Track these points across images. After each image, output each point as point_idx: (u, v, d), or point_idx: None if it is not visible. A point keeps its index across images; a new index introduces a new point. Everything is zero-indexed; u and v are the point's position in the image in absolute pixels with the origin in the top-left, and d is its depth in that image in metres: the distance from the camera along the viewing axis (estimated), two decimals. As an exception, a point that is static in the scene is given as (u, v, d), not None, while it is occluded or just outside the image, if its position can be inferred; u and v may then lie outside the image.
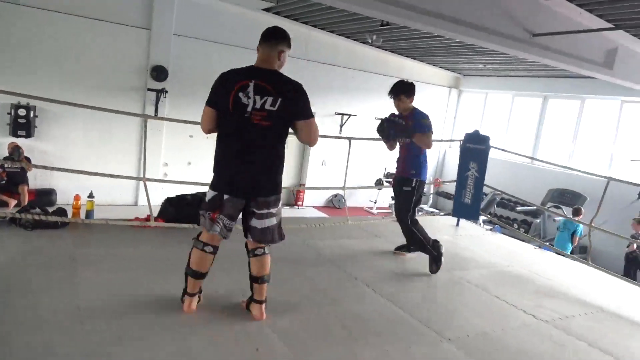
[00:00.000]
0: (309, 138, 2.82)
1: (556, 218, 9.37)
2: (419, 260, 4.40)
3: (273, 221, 2.79)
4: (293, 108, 2.67)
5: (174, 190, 5.01)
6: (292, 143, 11.28)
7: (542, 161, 8.74)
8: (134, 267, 3.57)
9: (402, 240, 4.55)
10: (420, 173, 4.19)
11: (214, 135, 2.87)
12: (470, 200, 5.65)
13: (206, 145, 9.63)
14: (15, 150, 7.40)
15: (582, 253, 9.18)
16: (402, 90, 4.14)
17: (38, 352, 2.32)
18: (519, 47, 6.31)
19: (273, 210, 2.78)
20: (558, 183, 9.78)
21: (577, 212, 8.19)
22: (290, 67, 11.33)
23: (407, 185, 4.20)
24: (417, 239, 4.19)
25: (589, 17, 6.10)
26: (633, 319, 3.84)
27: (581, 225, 7.94)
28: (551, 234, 10.22)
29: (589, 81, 9.16)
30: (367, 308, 3.35)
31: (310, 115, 2.74)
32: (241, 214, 2.80)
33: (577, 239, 8.18)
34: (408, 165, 4.24)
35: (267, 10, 9.14)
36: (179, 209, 4.71)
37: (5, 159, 7.22)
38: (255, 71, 2.70)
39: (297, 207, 11.23)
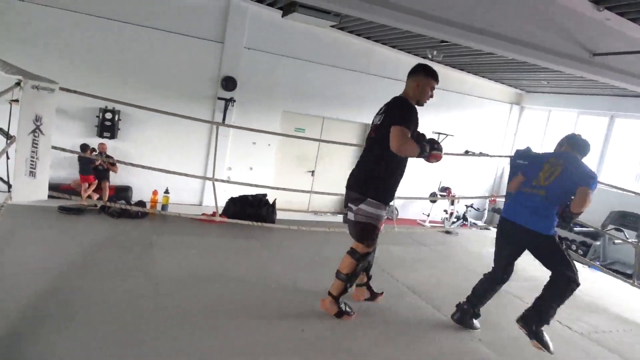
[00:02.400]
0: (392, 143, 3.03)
1: (616, 241, 9.06)
2: (459, 270, 4.60)
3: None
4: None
5: (236, 193, 5.55)
6: (348, 152, 11.69)
7: (602, 183, 8.53)
8: (201, 253, 4.10)
9: (444, 248, 4.77)
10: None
11: (274, 145, 3.35)
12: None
13: (267, 153, 10.31)
14: (105, 151, 8.38)
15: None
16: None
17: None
18: (578, 67, 6.31)
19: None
20: (621, 205, 9.45)
21: None
22: (353, 79, 11.92)
23: None
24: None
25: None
26: None
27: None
28: (611, 257, 9.87)
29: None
30: (404, 305, 3.65)
31: (397, 122, 3.01)
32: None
33: None
34: None
35: (332, 25, 9.65)
36: (241, 208, 5.23)
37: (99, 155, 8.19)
38: None
39: (350, 215, 11.56)
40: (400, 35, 9.33)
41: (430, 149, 3.09)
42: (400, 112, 3.07)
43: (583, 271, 5.71)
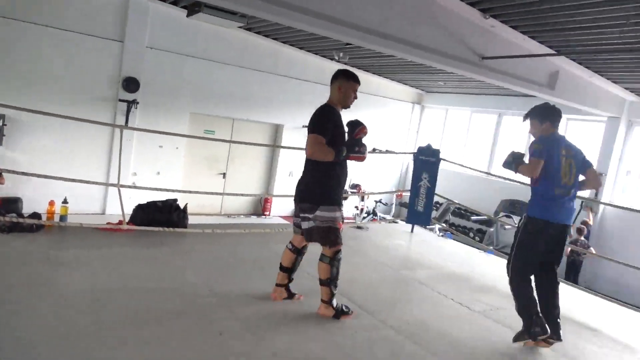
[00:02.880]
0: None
1: (506, 227, 10.01)
2: (369, 263, 4.82)
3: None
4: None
5: (143, 199, 5.31)
6: (260, 154, 11.65)
7: (487, 173, 9.37)
8: (109, 264, 3.88)
9: (356, 244, 4.96)
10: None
11: (182, 148, 3.32)
12: (422, 207, 6.15)
13: (175, 156, 9.96)
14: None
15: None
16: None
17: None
18: (469, 69, 6.88)
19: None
20: (510, 194, 10.44)
21: None
22: (261, 80, 11.87)
23: None
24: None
25: (533, 43, 6.74)
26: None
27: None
28: (504, 242, 10.88)
29: (538, 100, 9.90)
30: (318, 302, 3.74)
31: (311, 130, 3.25)
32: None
33: None
34: None
35: (240, 26, 9.56)
36: (150, 214, 5.01)
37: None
38: None
39: (264, 216, 11.56)
40: (306, 37, 9.50)
41: (349, 152, 3.30)
42: (314, 120, 3.27)
43: (479, 256, 6.27)
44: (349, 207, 12.26)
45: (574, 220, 3.57)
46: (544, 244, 3.36)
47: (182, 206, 5.35)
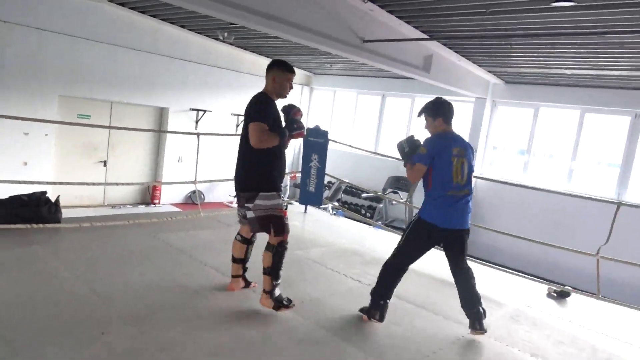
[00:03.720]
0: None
1: (393, 202, 10.66)
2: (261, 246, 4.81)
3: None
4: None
5: (5, 193, 4.70)
6: (146, 139, 10.96)
7: (374, 153, 9.84)
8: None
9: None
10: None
11: (52, 135, 2.98)
12: (314, 188, 6.26)
13: (44, 144, 8.94)
14: None
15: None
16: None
17: None
18: (352, 52, 7.08)
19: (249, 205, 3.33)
20: (395, 171, 11.10)
21: None
22: (141, 60, 11.11)
23: None
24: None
25: (408, 28, 7.13)
26: (433, 275, 4.74)
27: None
28: (392, 216, 11.58)
29: (417, 82, 10.57)
30: (212, 289, 3.65)
31: (251, 119, 3.20)
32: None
33: None
34: None
35: (111, 0, 8.78)
36: (13, 211, 4.45)
37: None
38: None
39: (153, 205, 10.96)
40: (187, 15, 9.02)
41: (291, 131, 3.29)
42: (253, 109, 3.25)
43: (369, 231, 6.59)
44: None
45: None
46: (427, 246, 3.37)
47: (53, 199, 4.84)
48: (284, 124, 3.37)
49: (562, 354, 3.39)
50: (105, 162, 10.29)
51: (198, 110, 11.39)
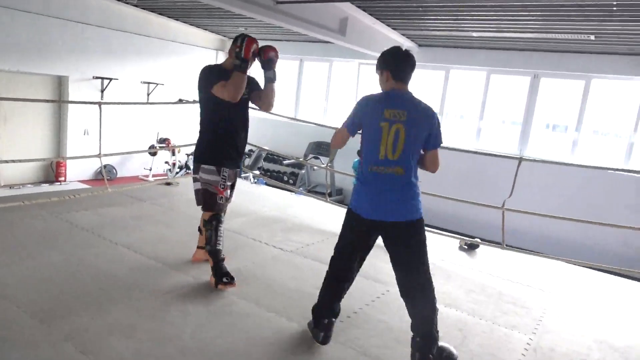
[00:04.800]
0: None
1: (315, 168, 10.71)
2: (181, 219, 4.61)
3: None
4: None
5: None
6: (44, 110, 9.99)
7: (293, 119, 9.76)
8: None
9: (167, 200, 4.67)
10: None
11: None
12: (232, 157, 6.07)
13: None
14: None
15: (339, 194, 10.84)
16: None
17: None
18: (264, 13, 6.83)
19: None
20: (316, 136, 11.10)
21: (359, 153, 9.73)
22: (30, 23, 10.08)
23: None
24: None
25: (323, -12, 6.98)
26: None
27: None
28: (314, 181, 11.66)
29: (334, 46, 10.49)
30: (126, 268, 3.44)
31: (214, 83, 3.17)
32: None
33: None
34: None
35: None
36: None
37: None
38: None
39: (58, 183, 10.12)
40: (83, -28, 8.17)
41: (242, 53, 3.06)
42: (200, 78, 3.24)
43: (291, 198, 6.56)
44: (160, 163, 11.55)
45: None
46: (354, 240, 2.61)
47: None
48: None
49: (473, 302, 3.63)
50: (-3, 138, 9.27)
51: (103, 78, 10.52)
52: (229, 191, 3.42)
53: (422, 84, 11.17)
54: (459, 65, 10.31)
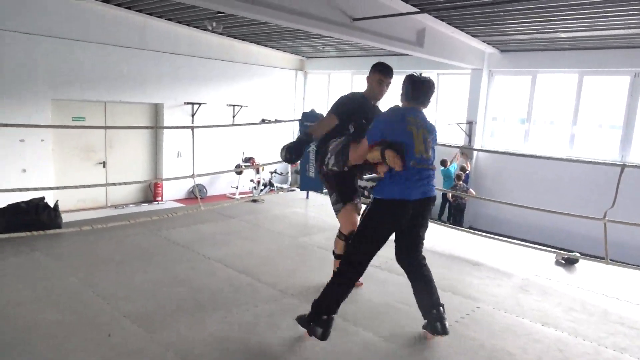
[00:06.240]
0: None
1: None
2: (266, 235, 4.77)
3: None
4: None
5: (4, 202, 4.67)
6: (142, 136, 10.89)
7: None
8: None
9: (253, 217, 4.86)
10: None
11: (49, 140, 2.90)
12: (313, 173, 6.20)
13: (41, 150, 8.89)
14: None
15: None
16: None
17: None
18: (342, 31, 6.97)
19: None
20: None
21: (443, 163, 10.31)
22: (131, 57, 10.99)
23: None
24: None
25: (399, 2, 6.97)
26: (445, 253, 4.70)
27: (451, 169, 10.44)
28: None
29: (411, 58, 10.39)
30: (218, 281, 3.63)
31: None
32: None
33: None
34: None
35: (95, -1, 8.66)
36: (11, 219, 4.42)
37: None
38: None
39: (156, 202, 10.94)
40: (173, 7, 8.90)
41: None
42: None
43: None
44: (245, 181, 12.09)
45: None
46: (390, 230, 2.89)
47: (52, 204, 4.81)
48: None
49: (574, 321, 3.36)
50: (104, 163, 10.26)
51: (193, 103, 11.30)
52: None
53: (507, 91, 10.69)
54: (547, 69, 9.74)
